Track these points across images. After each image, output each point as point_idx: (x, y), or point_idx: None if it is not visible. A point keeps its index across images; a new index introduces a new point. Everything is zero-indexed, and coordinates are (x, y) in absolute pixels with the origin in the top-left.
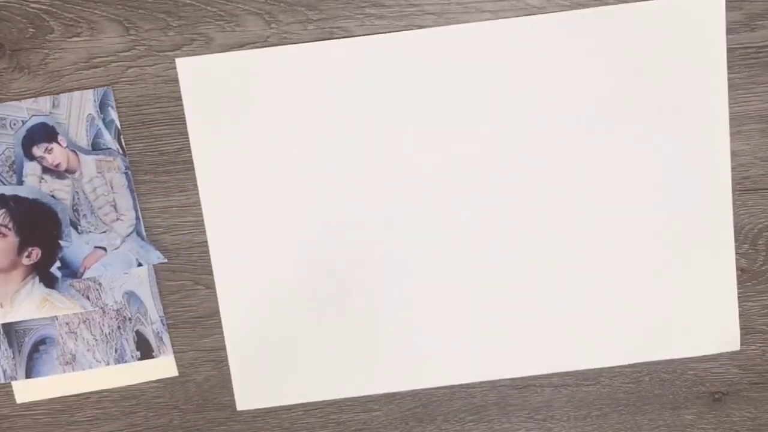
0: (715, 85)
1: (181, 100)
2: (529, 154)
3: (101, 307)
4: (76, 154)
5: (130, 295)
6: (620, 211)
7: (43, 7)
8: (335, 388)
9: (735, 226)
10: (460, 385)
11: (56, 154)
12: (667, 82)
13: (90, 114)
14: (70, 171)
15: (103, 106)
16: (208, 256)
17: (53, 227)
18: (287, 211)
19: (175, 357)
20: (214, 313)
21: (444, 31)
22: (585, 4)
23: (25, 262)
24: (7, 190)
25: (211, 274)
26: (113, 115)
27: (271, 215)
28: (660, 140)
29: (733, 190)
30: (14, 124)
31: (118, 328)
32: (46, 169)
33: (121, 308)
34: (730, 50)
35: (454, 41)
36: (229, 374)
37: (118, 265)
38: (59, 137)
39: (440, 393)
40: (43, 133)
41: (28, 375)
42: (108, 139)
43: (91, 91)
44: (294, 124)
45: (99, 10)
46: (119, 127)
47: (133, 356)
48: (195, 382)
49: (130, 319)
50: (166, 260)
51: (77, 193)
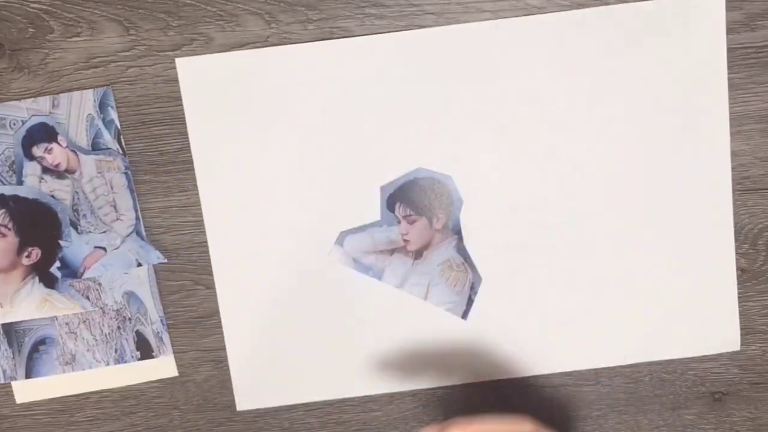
0: (715, 84)
1: (181, 100)
2: (529, 154)
3: (101, 307)
4: (76, 154)
5: (130, 295)
6: (620, 211)
7: (43, 7)
8: (335, 388)
9: (735, 226)
10: (460, 385)
11: (56, 154)
12: (667, 82)
13: (90, 114)
14: (70, 171)
15: (102, 106)
16: (208, 256)
17: (53, 227)
18: (288, 211)
19: (175, 357)
20: (214, 313)
21: (444, 31)
22: (585, 4)
23: (25, 262)
24: (7, 190)
25: (211, 274)
26: (113, 115)
27: (271, 215)
28: (660, 140)
29: (733, 190)
30: (14, 124)
31: (118, 328)
32: (46, 169)
33: (121, 308)
34: (730, 50)
35: (454, 41)
36: (229, 374)
37: (118, 265)
38: (59, 137)
39: (440, 393)
40: (43, 133)
41: (28, 375)
42: (108, 139)
43: (91, 91)
44: (294, 124)
45: (99, 10)
46: (119, 127)
47: (133, 356)
48: (195, 382)
49: (130, 319)
50: (166, 260)
51: (77, 193)
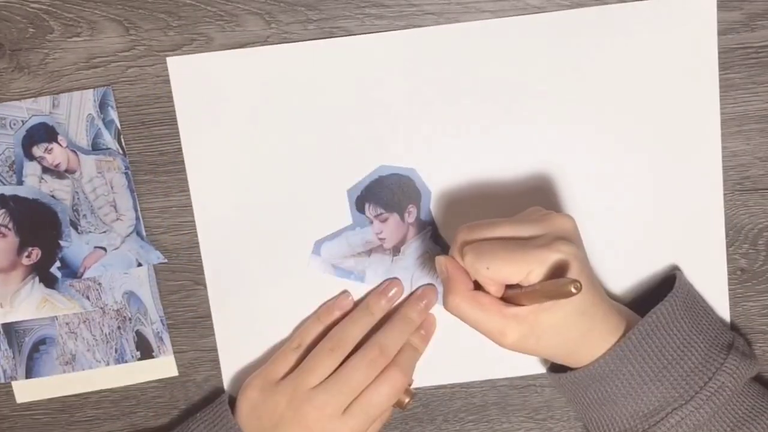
0: (707, 84)
1: None
2: (527, 152)
3: (101, 307)
4: (76, 154)
5: (130, 295)
6: (614, 210)
7: (43, 7)
8: None
9: (735, 226)
10: (460, 385)
11: (56, 154)
12: (663, 82)
13: (90, 114)
14: (70, 171)
15: (102, 106)
16: None
17: (53, 227)
18: (284, 212)
19: (175, 357)
20: None
21: (444, 31)
22: (585, 4)
23: (25, 262)
24: (7, 190)
25: None
26: (113, 115)
27: (266, 215)
28: (660, 140)
29: (734, 190)
30: (14, 124)
31: (118, 328)
32: (46, 169)
33: (121, 308)
34: (730, 50)
35: (454, 40)
36: None
37: (118, 265)
38: (59, 137)
39: (440, 393)
40: (43, 133)
41: (28, 375)
42: (108, 139)
43: (91, 91)
44: (289, 123)
45: (99, 10)
46: (119, 127)
47: (133, 356)
48: (195, 382)
49: (130, 319)
50: (166, 260)
51: (77, 193)
